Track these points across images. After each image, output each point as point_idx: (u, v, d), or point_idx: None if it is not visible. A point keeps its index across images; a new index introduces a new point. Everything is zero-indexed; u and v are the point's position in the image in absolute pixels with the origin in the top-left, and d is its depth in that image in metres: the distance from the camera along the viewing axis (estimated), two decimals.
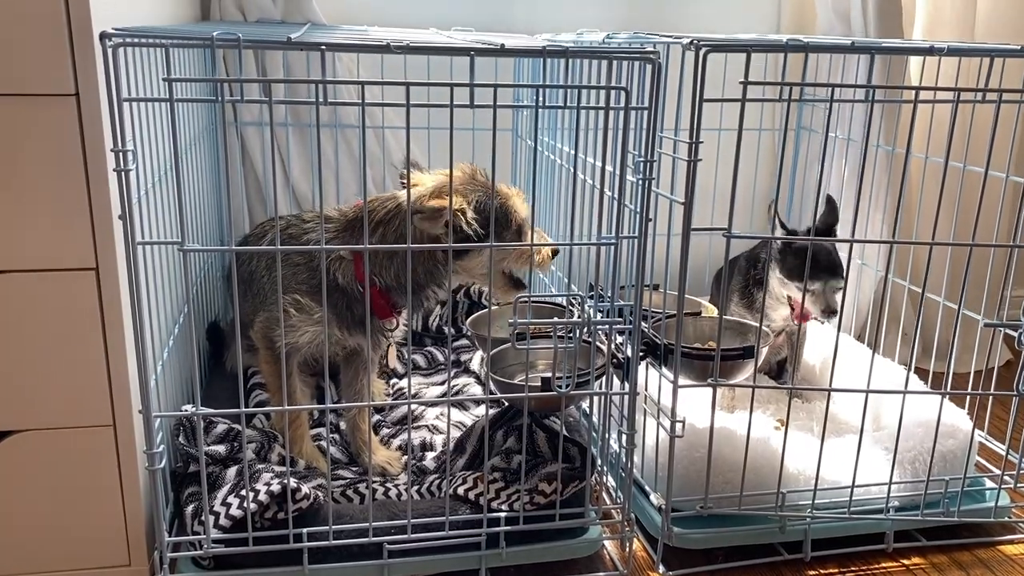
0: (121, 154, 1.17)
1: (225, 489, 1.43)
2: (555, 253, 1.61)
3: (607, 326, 1.48)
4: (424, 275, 1.54)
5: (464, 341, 2.24)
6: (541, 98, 1.36)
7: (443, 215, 1.40)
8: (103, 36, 1.14)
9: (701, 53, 1.31)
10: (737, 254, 2.06)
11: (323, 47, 1.18)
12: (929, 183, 2.19)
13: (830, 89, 1.39)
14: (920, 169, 2.11)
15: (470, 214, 1.44)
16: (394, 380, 2.10)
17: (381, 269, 1.54)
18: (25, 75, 1.23)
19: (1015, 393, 1.56)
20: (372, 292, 1.54)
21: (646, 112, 1.35)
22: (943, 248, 1.72)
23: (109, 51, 1.14)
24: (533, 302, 1.81)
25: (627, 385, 1.50)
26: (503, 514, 1.47)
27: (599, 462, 1.64)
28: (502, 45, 1.28)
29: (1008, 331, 1.55)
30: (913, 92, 1.42)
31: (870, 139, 1.51)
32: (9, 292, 1.32)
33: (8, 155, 1.26)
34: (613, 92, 1.29)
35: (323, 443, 1.74)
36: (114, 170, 1.19)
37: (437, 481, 1.63)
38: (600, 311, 1.57)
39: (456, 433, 1.71)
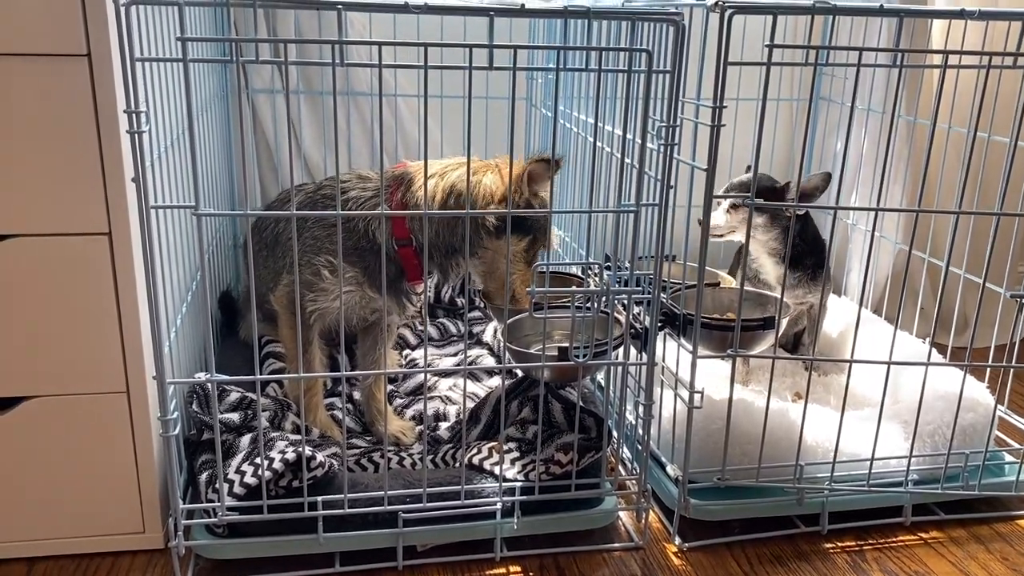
0: (134, 115, 1.15)
1: (239, 457, 1.42)
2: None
3: (625, 296, 1.46)
4: (460, 240, 1.52)
5: (477, 313, 2.23)
6: (561, 62, 1.33)
7: (516, 181, 1.47)
8: None
9: (726, 15, 1.28)
10: None
11: (339, 6, 1.16)
12: (948, 154, 2.15)
13: (856, 54, 1.36)
14: (939, 139, 2.07)
15: (525, 196, 1.51)
16: (407, 351, 2.09)
17: (422, 227, 1.50)
18: (36, 35, 1.21)
19: None
20: (407, 253, 1.55)
21: (668, 75, 1.31)
22: (962, 220, 1.68)
23: (121, 10, 1.11)
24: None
25: (645, 356, 1.49)
26: (518, 483, 1.46)
27: (615, 433, 1.63)
28: (522, 5, 1.25)
29: None
30: (941, 57, 1.39)
31: (889, 108, 1.48)
32: (21, 257, 1.31)
33: (18, 117, 1.25)
34: (635, 55, 1.26)
35: (337, 412, 1.74)
36: (127, 131, 1.17)
37: (451, 451, 1.62)
38: (617, 281, 1.55)
39: (470, 404, 1.70)
